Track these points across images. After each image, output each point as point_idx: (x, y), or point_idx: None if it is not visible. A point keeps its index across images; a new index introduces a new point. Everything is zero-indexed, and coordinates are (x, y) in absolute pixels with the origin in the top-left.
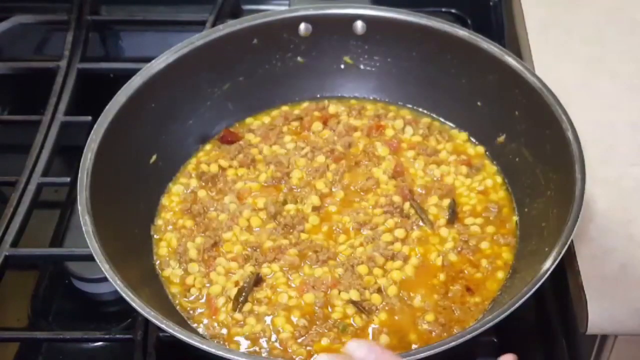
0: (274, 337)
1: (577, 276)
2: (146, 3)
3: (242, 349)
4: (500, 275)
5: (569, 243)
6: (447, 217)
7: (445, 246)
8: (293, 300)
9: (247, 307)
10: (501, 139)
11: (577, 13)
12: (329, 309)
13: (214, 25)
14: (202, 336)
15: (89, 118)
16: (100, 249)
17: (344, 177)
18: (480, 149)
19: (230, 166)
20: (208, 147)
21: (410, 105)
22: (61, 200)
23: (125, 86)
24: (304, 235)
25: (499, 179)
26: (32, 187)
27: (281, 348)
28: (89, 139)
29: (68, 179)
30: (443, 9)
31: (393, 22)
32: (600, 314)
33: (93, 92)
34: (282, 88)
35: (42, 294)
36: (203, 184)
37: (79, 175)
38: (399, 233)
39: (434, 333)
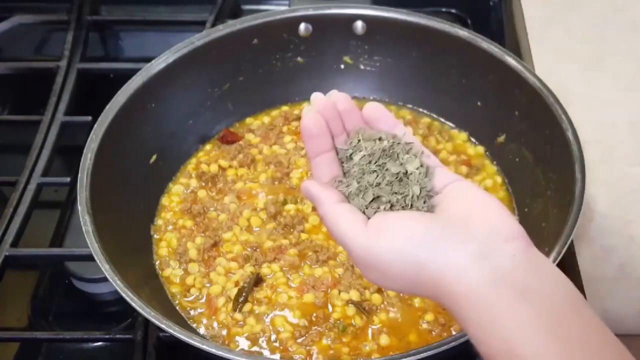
0: (273, 337)
1: (577, 276)
2: (146, 3)
3: (242, 349)
4: None
5: (568, 243)
6: None
7: None
8: (293, 300)
9: (247, 307)
10: (501, 139)
11: (577, 13)
12: (329, 309)
13: (213, 25)
14: (202, 336)
15: (89, 118)
16: (100, 249)
17: None
18: (480, 149)
19: (230, 166)
20: (208, 147)
21: (410, 105)
22: (61, 200)
23: (125, 86)
24: (304, 235)
25: (499, 179)
26: (32, 187)
27: (281, 348)
28: (89, 139)
29: (68, 179)
30: (443, 9)
31: (393, 22)
32: (600, 314)
33: (93, 92)
34: (282, 88)
35: (42, 294)
36: (203, 184)
37: (79, 175)
38: None
39: (433, 333)
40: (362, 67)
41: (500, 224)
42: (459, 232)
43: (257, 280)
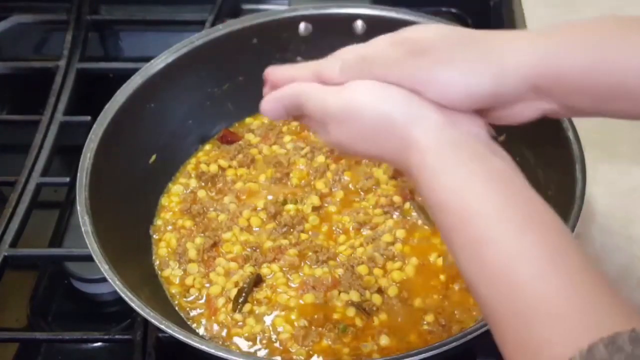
0: (273, 338)
1: None
2: (146, 3)
3: (242, 349)
4: None
5: None
6: None
7: (445, 246)
8: (293, 300)
9: (247, 307)
10: (501, 139)
11: (577, 13)
12: (330, 310)
13: (213, 24)
14: (201, 337)
15: (88, 118)
16: (99, 249)
17: (344, 177)
18: None
19: (230, 166)
20: (208, 147)
21: None
22: (60, 200)
23: (125, 86)
24: (304, 235)
25: None
26: (31, 187)
27: (281, 348)
28: (88, 138)
29: (67, 179)
30: (443, 9)
31: (393, 22)
32: None
33: (92, 92)
34: None
35: (41, 294)
36: (203, 184)
37: (78, 175)
38: (400, 233)
39: (434, 333)
40: None
41: (467, 113)
42: (430, 103)
43: (257, 281)
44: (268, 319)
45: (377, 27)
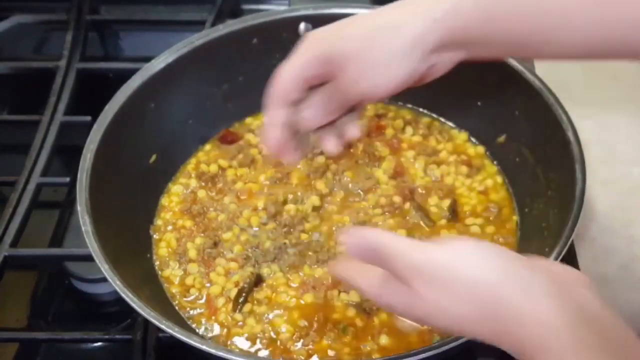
0: (274, 337)
1: None
2: (146, 3)
3: (242, 349)
4: None
5: (569, 243)
6: (447, 217)
7: None
8: (293, 300)
9: (247, 307)
10: (501, 139)
11: None
12: (330, 310)
13: (213, 24)
14: (201, 337)
15: (89, 118)
16: (99, 249)
17: (344, 177)
18: (481, 149)
19: (230, 166)
20: (208, 147)
21: (410, 105)
22: (60, 200)
23: (125, 86)
24: (304, 235)
25: (499, 179)
26: (31, 187)
27: (281, 348)
28: (88, 139)
29: (67, 179)
30: None
31: None
32: None
33: (92, 92)
34: None
35: (41, 294)
36: (203, 184)
37: (79, 175)
38: (400, 233)
39: (434, 333)
40: None
41: (572, 272)
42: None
43: (257, 281)
44: (268, 319)
45: None
